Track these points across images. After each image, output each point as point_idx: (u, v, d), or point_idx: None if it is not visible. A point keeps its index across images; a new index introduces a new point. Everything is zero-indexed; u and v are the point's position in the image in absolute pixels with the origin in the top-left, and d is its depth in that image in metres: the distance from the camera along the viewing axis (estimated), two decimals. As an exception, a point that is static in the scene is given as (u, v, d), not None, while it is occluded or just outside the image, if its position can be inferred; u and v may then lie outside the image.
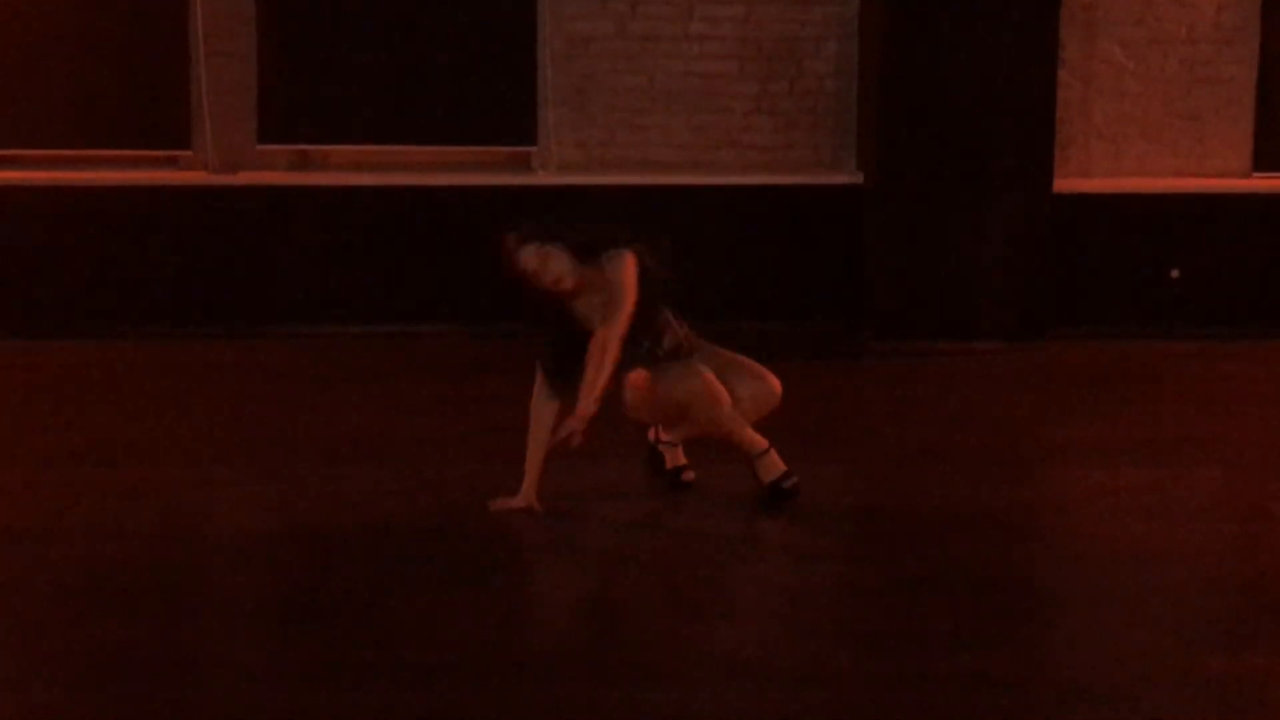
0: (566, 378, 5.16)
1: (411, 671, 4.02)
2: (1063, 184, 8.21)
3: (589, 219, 8.25)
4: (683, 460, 5.59)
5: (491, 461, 5.65)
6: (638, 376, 5.19)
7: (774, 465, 5.34)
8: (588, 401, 5.03)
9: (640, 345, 5.26)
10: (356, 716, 3.77)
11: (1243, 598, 4.66)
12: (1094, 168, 8.62)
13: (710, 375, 5.29)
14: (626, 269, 5.18)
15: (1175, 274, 8.37)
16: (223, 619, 4.54)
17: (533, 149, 8.50)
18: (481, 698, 3.83)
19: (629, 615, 4.42)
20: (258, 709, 3.82)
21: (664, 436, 5.60)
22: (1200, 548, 5.07)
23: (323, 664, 4.07)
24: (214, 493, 5.74)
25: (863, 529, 5.42)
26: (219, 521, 5.52)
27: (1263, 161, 8.56)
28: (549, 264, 5.15)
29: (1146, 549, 5.02)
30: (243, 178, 8.36)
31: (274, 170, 8.46)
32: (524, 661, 4.06)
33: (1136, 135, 8.63)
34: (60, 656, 4.15)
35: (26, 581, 4.69)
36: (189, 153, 8.47)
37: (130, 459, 6.02)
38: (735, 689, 3.89)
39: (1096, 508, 5.52)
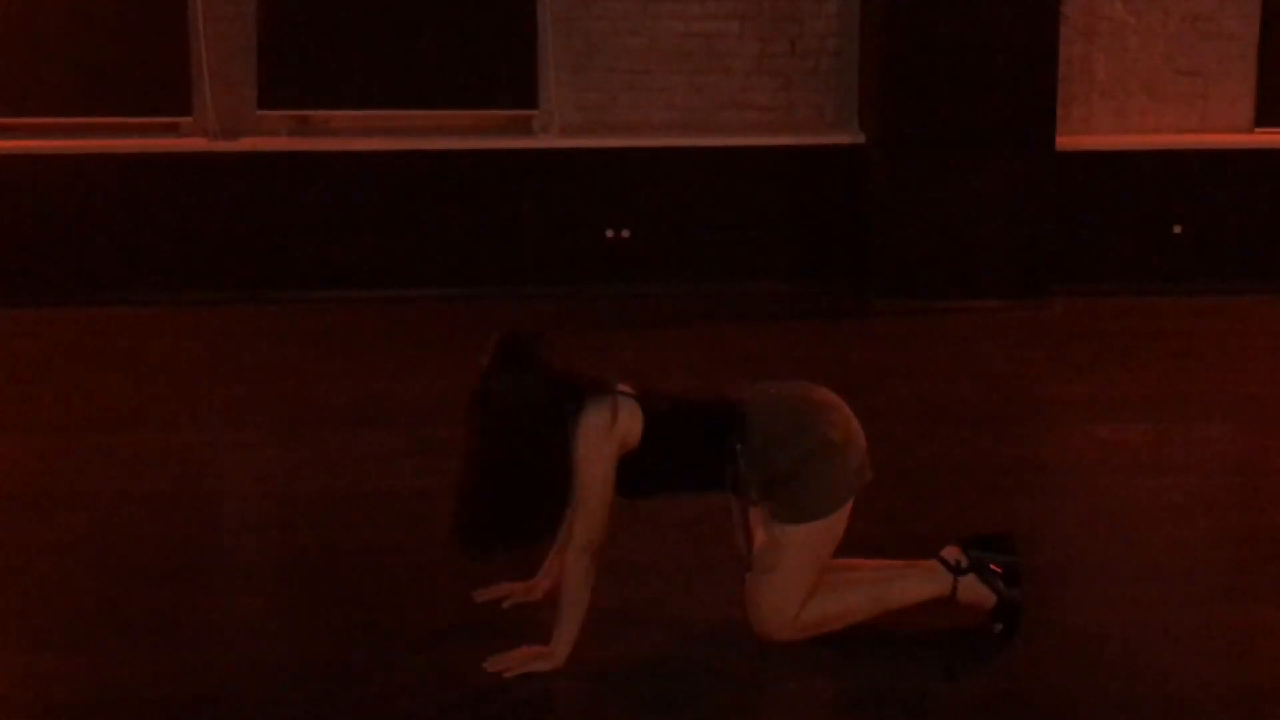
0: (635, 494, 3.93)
1: (421, 631, 4.04)
2: (1065, 141, 8.19)
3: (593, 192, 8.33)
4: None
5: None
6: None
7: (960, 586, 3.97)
8: (563, 646, 3.79)
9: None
10: (368, 675, 3.79)
11: (1248, 551, 4.68)
12: (1096, 124, 8.60)
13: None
14: (584, 433, 3.77)
15: (1178, 230, 8.35)
16: (235, 581, 4.56)
17: (534, 112, 8.47)
18: (487, 657, 3.85)
19: (635, 570, 4.43)
20: (270, 669, 3.84)
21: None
22: (1205, 502, 5.08)
23: (334, 624, 4.09)
24: (222, 457, 5.76)
25: (866, 486, 5.43)
26: (229, 485, 5.54)
27: (1265, 117, 8.52)
28: None
29: (1151, 504, 5.03)
30: (243, 144, 8.34)
31: (274, 136, 8.44)
32: (530, 621, 4.08)
33: (1139, 91, 8.60)
34: (75, 620, 4.17)
35: (38, 546, 4.71)
36: (189, 119, 8.44)
37: (138, 425, 6.04)
38: (746, 638, 3.91)
39: (1101, 463, 5.53)
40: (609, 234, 8.37)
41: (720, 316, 7.92)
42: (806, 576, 3.86)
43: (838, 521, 3.89)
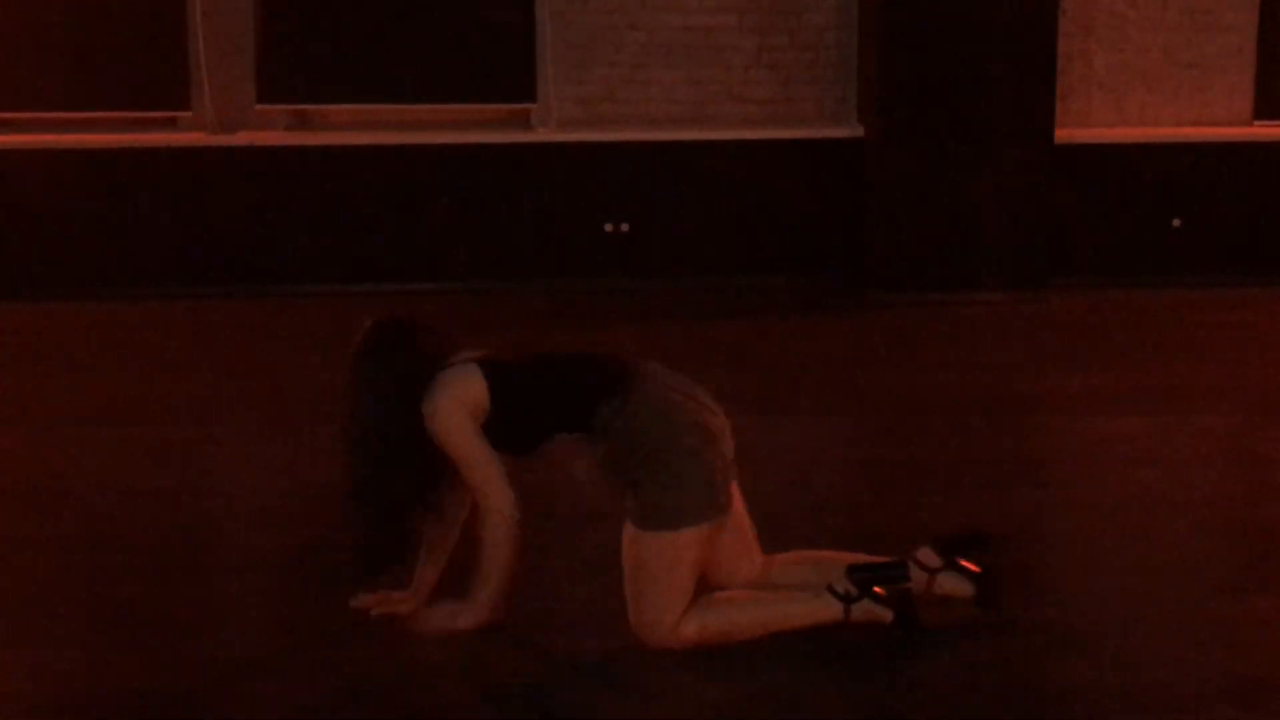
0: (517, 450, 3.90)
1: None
2: (1064, 134, 8.18)
3: (585, 188, 8.34)
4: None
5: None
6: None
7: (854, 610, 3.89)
8: (484, 602, 3.76)
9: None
10: (366, 669, 3.79)
11: (1246, 543, 4.68)
12: (1095, 117, 8.59)
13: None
14: (428, 421, 3.77)
15: (1177, 223, 8.35)
16: (231, 575, 4.56)
17: (532, 106, 8.47)
18: (487, 649, 3.85)
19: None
20: (268, 663, 3.84)
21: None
22: (1203, 494, 5.08)
23: (334, 618, 4.09)
24: (218, 451, 5.77)
25: (866, 479, 5.44)
26: (224, 479, 5.54)
27: (1264, 109, 8.52)
28: None
29: (1150, 496, 5.03)
30: (241, 138, 8.34)
31: (273, 130, 8.44)
32: (530, 612, 4.08)
33: (1137, 84, 8.60)
34: (71, 614, 4.18)
35: (35, 541, 4.72)
36: (188, 113, 8.44)
37: (135, 419, 6.04)
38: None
39: (1099, 456, 5.54)
40: (608, 228, 8.37)
41: (719, 310, 7.92)
42: (672, 590, 3.74)
43: (696, 539, 3.76)
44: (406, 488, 3.78)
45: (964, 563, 3.95)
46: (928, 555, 3.97)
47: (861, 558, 4.00)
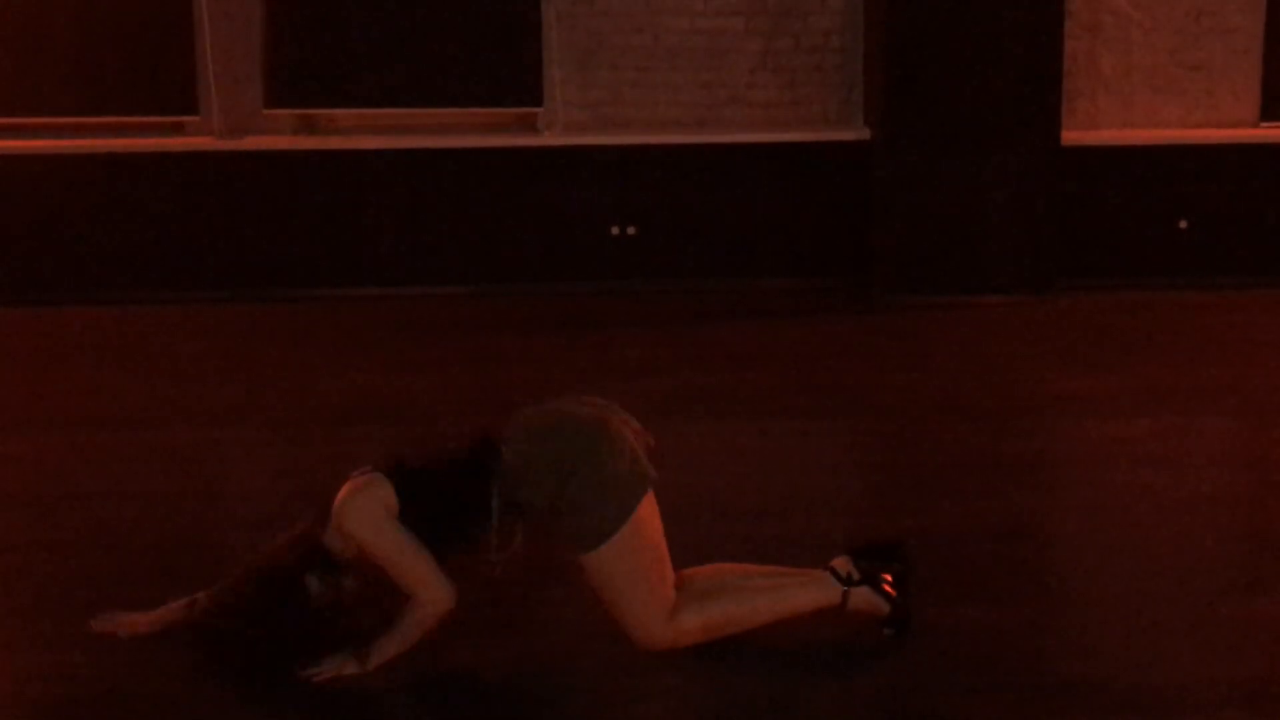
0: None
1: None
2: (1070, 136, 8.19)
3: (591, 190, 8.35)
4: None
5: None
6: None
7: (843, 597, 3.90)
8: (376, 657, 3.76)
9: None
10: (364, 674, 3.79)
11: (1253, 545, 4.68)
12: (1101, 119, 8.59)
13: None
14: (353, 523, 3.70)
15: (1183, 225, 8.35)
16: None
17: (539, 110, 8.48)
18: (484, 654, 3.85)
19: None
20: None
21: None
22: (1210, 496, 5.08)
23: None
24: (227, 454, 5.78)
25: (873, 482, 5.44)
26: (233, 482, 5.56)
27: (1270, 110, 8.52)
28: None
29: (1157, 498, 5.03)
30: (249, 142, 8.36)
31: (280, 135, 8.46)
32: (533, 619, 4.08)
33: (1143, 86, 8.60)
34: (76, 618, 4.18)
35: (40, 545, 4.72)
36: (195, 118, 8.46)
37: (143, 422, 6.05)
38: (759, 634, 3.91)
39: (1107, 458, 5.54)
40: (614, 231, 8.38)
41: (726, 313, 7.93)
42: (645, 586, 3.73)
43: (639, 524, 3.71)
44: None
45: (885, 585, 3.90)
46: (845, 566, 3.90)
47: (773, 569, 3.96)
